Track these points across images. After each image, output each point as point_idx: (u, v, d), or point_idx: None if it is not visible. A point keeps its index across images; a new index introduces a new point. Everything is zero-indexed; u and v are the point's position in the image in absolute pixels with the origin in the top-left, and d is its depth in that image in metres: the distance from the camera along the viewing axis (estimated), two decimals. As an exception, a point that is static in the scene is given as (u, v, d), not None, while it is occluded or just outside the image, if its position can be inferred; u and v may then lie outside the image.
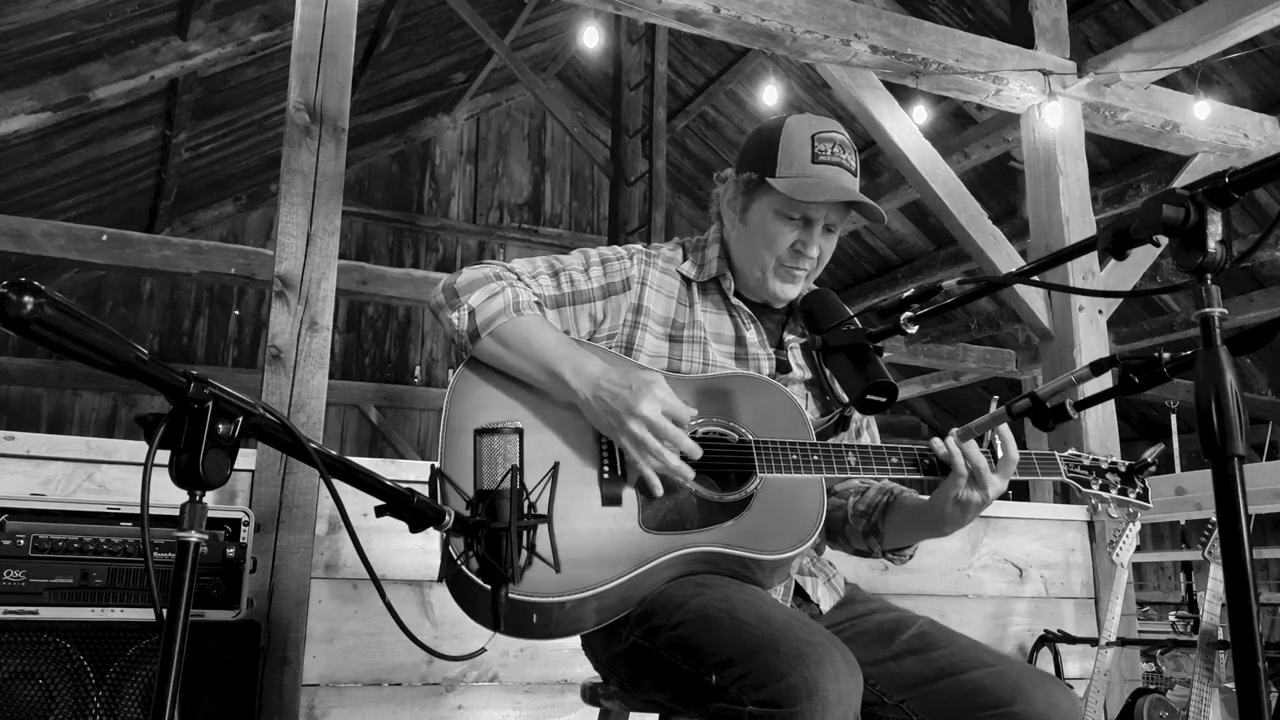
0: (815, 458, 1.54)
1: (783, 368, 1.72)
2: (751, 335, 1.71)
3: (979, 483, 1.52)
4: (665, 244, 1.79)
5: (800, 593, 1.66)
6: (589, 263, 1.69)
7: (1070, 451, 1.71)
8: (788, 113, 1.72)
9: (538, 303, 1.61)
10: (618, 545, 1.46)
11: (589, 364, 1.51)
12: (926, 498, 1.63)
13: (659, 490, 1.48)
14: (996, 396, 1.70)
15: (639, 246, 1.76)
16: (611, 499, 1.49)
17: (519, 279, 1.62)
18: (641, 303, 1.68)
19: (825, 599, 1.66)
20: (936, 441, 1.56)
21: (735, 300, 1.72)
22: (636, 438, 1.45)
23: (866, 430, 1.82)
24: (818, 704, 1.20)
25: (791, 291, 1.69)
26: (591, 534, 1.45)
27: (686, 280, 1.73)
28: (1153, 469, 1.70)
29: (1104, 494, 1.68)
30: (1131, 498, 1.69)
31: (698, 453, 1.48)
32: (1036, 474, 1.64)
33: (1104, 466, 1.70)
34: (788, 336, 1.76)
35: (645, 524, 1.48)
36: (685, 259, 1.76)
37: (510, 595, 1.28)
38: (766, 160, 1.64)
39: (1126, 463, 1.72)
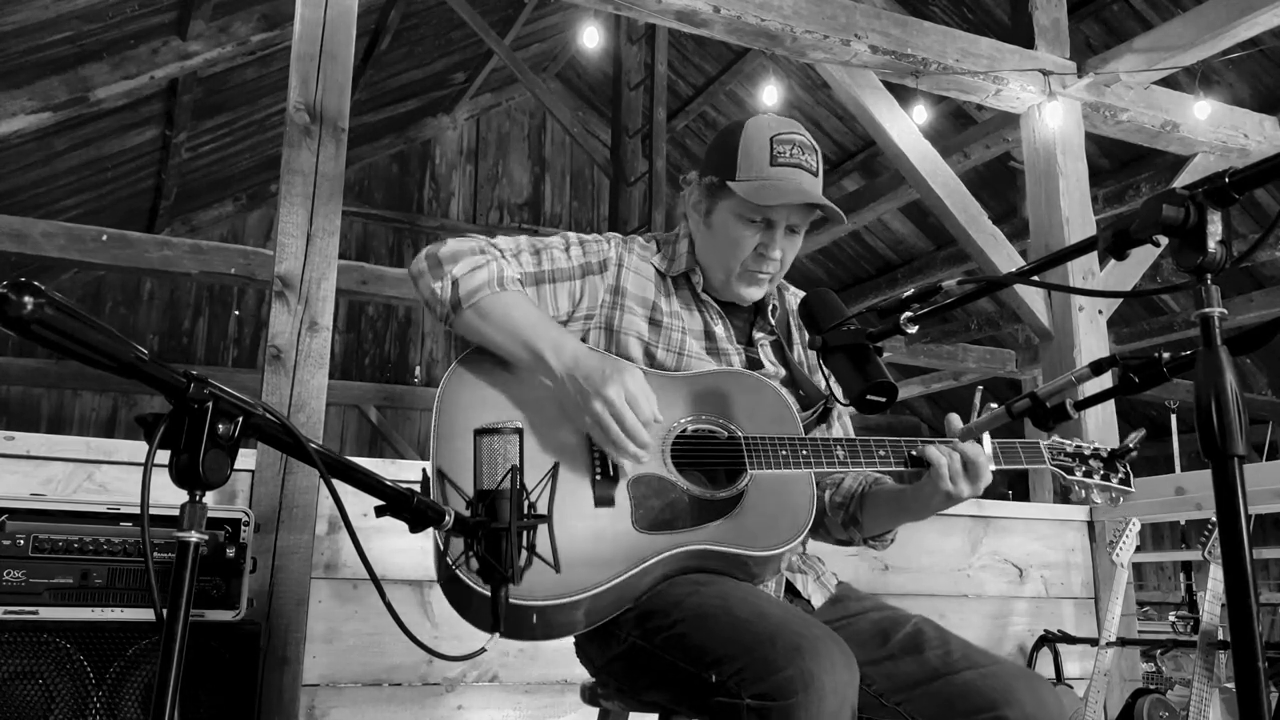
0: (804, 453, 1.55)
1: (754, 364, 1.72)
2: (720, 330, 1.72)
3: (972, 476, 1.53)
4: (639, 236, 1.80)
5: (791, 589, 1.66)
6: (569, 243, 1.71)
7: (1054, 439, 1.71)
8: (750, 115, 1.72)
9: (519, 280, 1.62)
10: (612, 546, 1.46)
11: (568, 344, 1.52)
12: (904, 486, 1.64)
13: (628, 468, 1.49)
14: (981, 387, 1.70)
15: (616, 234, 1.77)
16: (604, 500, 1.49)
17: (503, 254, 1.63)
18: (620, 284, 1.69)
19: (816, 595, 1.67)
20: (930, 449, 1.55)
21: (704, 295, 1.73)
22: (598, 417, 1.45)
23: (839, 421, 1.82)
24: (814, 695, 1.21)
25: (756, 294, 1.71)
26: (585, 535, 1.46)
27: (659, 273, 1.75)
28: (1134, 454, 1.70)
29: (1087, 480, 1.68)
30: (1114, 483, 1.70)
31: (648, 446, 1.47)
32: (1021, 461, 1.65)
33: (1086, 453, 1.70)
34: (757, 334, 1.77)
35: (638, 524, 1.49)
36: (658, 252, 1.77)
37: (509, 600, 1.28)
38: (727, 163, 1.64)
39: (1109, 448, 1.72)
